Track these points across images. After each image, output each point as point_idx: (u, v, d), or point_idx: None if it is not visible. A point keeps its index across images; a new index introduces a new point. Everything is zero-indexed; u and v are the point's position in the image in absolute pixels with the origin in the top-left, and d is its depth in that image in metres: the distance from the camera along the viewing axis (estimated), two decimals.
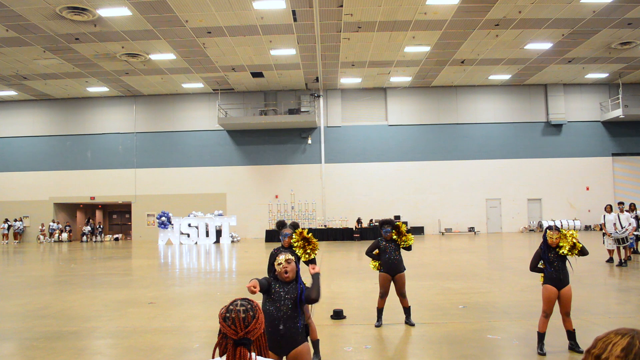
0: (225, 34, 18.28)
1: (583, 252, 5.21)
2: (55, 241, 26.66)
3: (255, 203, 26.27)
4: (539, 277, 5.41)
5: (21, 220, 26.81)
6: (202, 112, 27.00)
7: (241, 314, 1.80)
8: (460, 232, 25.92)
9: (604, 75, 25.00)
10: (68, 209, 29.08)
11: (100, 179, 27.10)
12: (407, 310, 6.55)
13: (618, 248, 11.99)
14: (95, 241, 27.20)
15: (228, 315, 1.81)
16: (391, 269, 6.40)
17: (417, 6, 16.10)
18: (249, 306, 1.84)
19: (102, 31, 17.63)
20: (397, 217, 24.48)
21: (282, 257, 3.36)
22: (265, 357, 1.88)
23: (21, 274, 13.21)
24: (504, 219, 26.33)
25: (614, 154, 26.48)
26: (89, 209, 31.14)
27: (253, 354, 1.81)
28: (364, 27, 17.91)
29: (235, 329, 1.78)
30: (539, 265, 5.35)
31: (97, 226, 28.93)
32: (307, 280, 3.68)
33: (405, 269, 6.52)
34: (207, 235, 23.31)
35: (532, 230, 26.08)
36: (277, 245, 4.98)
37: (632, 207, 13.35)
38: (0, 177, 27.54)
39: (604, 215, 12.31)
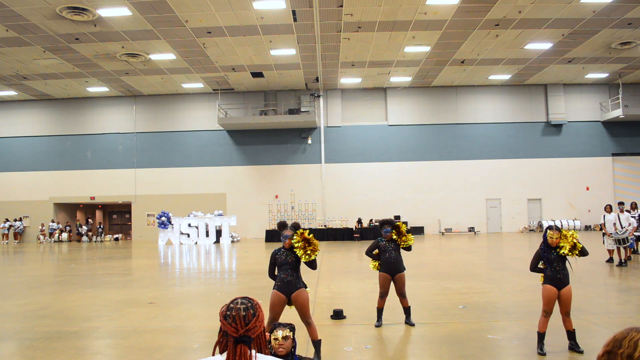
0: (225, 34, 18.28)
1: (583, 252, 5.21)
2: (55, 241, 26.66)
3: (255, 203, 26.27)
4: (539, 277, 5.41)
5: (20, 220, 26.79)
6: (202, 112, 26.99)
7: (242, 312, 1.80)
8: (460, 232, 25.91)
9: (604, 75, 25.00)
10: (68, 209, 29.08)
11: (100, 179, 27.09)
12: (407, 310, 6.55)
13: (618, 248, 11.99)
14: (96, 241, 27.20)
15: (229, 313, 1.81)
16: (391, 269, 6.40)
17: (417, 6, 16.10)
18: (250, 304, 1.84)
19: (102, 31, 17.63)
20: (397, 217, 24.47)
21: (280, 333, 3.29)
22: (265, 354, 1.88)
23: (21, 274, 13.21)
24: (504, 219, 26.33)
25: (614, 154, 26.48)
26: (89, 209, 31.14)
27: (253, 352, 1.80)
28: (364, 27, 17.91)
29: (235, 326, 1.78)
30: (539, 265, 5.35)
31: (98, 226, 28.93)
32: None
33: (405, 269, 6.52)
34: (207, 235, 23.30)
35: (532, 230, 26.08)
36: (278, 245, 4.98)
37: (634, 206, 13.34)
38: (0, 177, 27.54)
39: (604, 216, 12.31)
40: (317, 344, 5.04)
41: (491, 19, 17.26)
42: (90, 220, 29.12)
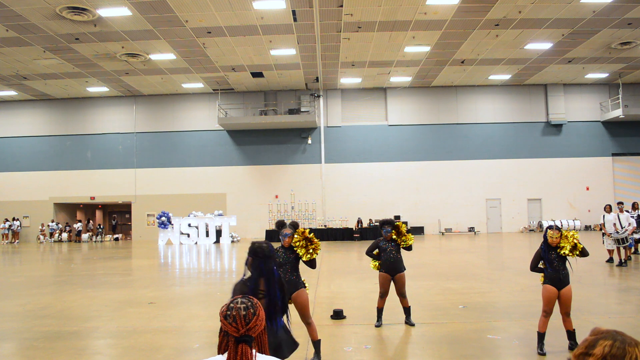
0: (225, 34, 18.28)
1: (584, 253, 5.20)
2: (55, 241, 26.66)
3: (255, 203, 26.26)
4: (539, 277, 5.41)
5: (17, 220, 26.71)
6: (202, 112, 26.99)
7: (242, 312, 1.79)
8: (460, 232, 25.91)
9: (604, 75, 24.99)
10: (68, 209, 29.07)
11: (100, 179, 27.09)
12: (407, 310, 6.55)
13: (618, 248, 11.99)
14: (95, 241, 27.19)
15: (229, 313, 1.80)
16: (391, 268, 6.39)
17: (417, 6, 16.09)
18: (250, 304, 1.84)
19: (102, 31, 17.62)
20: (397, 217, 24.45)
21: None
22: (266, 354, 1.87)
23: (21, 274, 13.21)
24: (504, 219, 26.32)
25: (614, 154, 26.47)
26: (89, 209, 31.13)
27: (254, 351, 1.79)
28: (364, 27, 17.91)
29: (236, 326, 1.77)
30: (539, 265, 5.35)
31: (98, 227, 28.92)
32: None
33: (405, 269, 6.51)
34: (207, 235, 23.29)
35: (532, 230, 26.07)
36: (277, 245, 4.96)
37: (635, 206, 13.33)
38: (0, 177, 27.54)
39: (604, 216, 12.30)
40: (317, 344, 5.03)
41: (491, 19, 17.25)
42: (90, 220, 29.09)
